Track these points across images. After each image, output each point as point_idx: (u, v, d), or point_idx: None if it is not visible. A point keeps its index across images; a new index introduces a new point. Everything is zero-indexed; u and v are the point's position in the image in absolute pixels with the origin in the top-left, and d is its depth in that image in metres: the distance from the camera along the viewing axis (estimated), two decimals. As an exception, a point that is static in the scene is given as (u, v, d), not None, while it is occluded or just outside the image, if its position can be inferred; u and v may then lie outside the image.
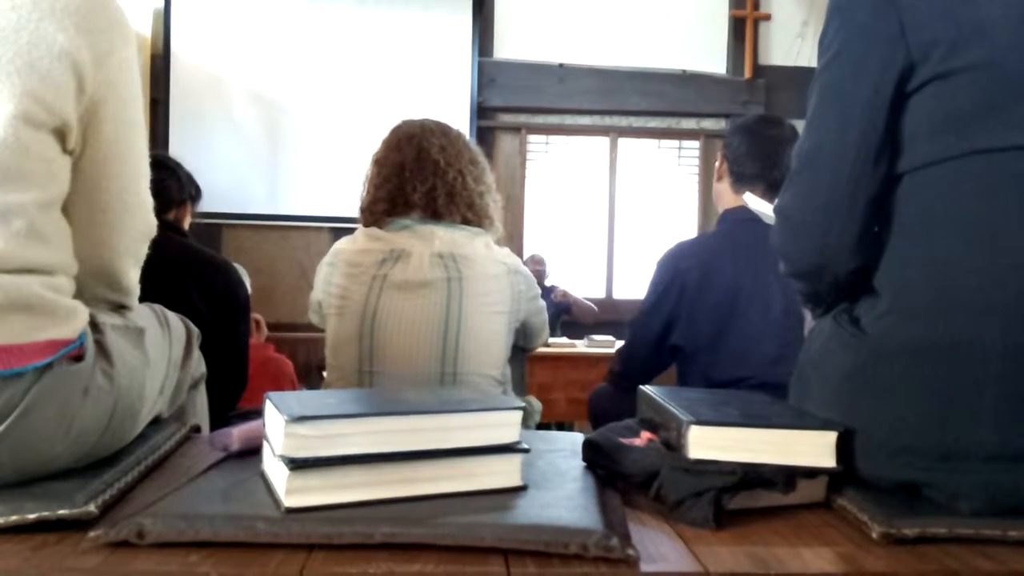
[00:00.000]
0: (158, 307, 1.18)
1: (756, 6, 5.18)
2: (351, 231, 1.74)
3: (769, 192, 1.90)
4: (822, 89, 0.98)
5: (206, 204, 2.44)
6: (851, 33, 0.95)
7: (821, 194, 0.96)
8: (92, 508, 0.76)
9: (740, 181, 1.90)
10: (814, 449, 0.87)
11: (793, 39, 5.22)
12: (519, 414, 0.84)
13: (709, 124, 5.26)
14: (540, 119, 5.21)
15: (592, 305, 4.73)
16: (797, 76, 5.12)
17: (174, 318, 1.21)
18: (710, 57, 5.21)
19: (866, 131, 0.92)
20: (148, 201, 1.04)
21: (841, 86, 0.95)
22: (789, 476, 0.85)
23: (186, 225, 2.10)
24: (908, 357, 0.86)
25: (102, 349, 0.89)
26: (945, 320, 0.84)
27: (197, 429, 1.20)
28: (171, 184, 2.01)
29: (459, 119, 4.85)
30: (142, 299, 1.09)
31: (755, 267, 1.77)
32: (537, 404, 1.84)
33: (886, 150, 0.92)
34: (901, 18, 0.90)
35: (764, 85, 5.14)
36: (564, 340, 4.24)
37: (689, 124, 5.27)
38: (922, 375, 0.84)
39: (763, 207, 1.65)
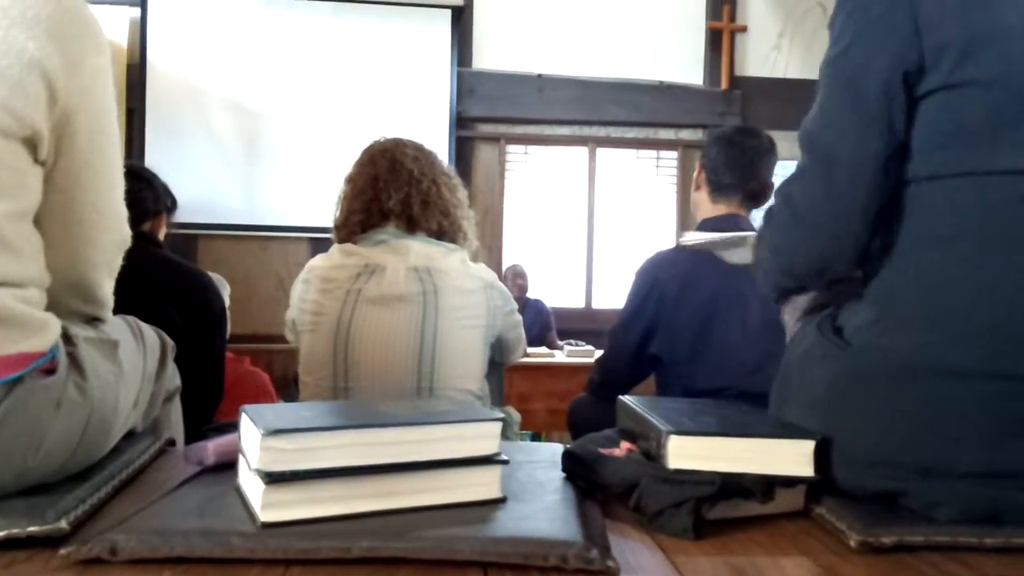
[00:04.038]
0: (132, 319, 1.16)
1: (732, 18, 5.23)
2: (330, 241, 1.73)
3: (747, 202, 1.91)
4: (835, 80, 0.93)
5: (182, 214, 2.42)
6: (864, 25, 0.91)
7: (838, 198, 0.92)
8: (63, 524, 0.75)
9: (718, 191, 1.91)
10: (792, 458, 0.87)
11: (769, 51, 5.28)
12: (498, 425, 0.84)
13: (687, 134, 5.29)
14: (519, 129, 5.22)
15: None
16: (773, 87, 5.18)
17: (148, 330, 1.19)
18: (687, 68, 5.26)
19: (885, 135, 0.89)
20: (123, 212, 1.03)
21: (855, 81, 0.91)
22: (768, 485, 0.85)
23: (162, 236, 2.08)
24: (891, 373, 0.85)
25: (75, 362, 0.87)
26: (931, 339, 0.83)
27: (172, 443, 1.18)
28: (147, 195, 1.99)
29: (438, 129, 4.86)
30: (116, 311, 1.08)
31: (733, 277, 1.78)
32: (516, 415, 1.83)
33: (899, 155, 0.90)
34: (916, 15, 0.87)
35: (740, 96, 5.19)
36: (543, 350, 4.24)
37: (667, 134, 5.30)
38: (904, 392, 0.84)
39: (702, 238, 1.59)
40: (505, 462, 0.83)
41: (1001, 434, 0.80)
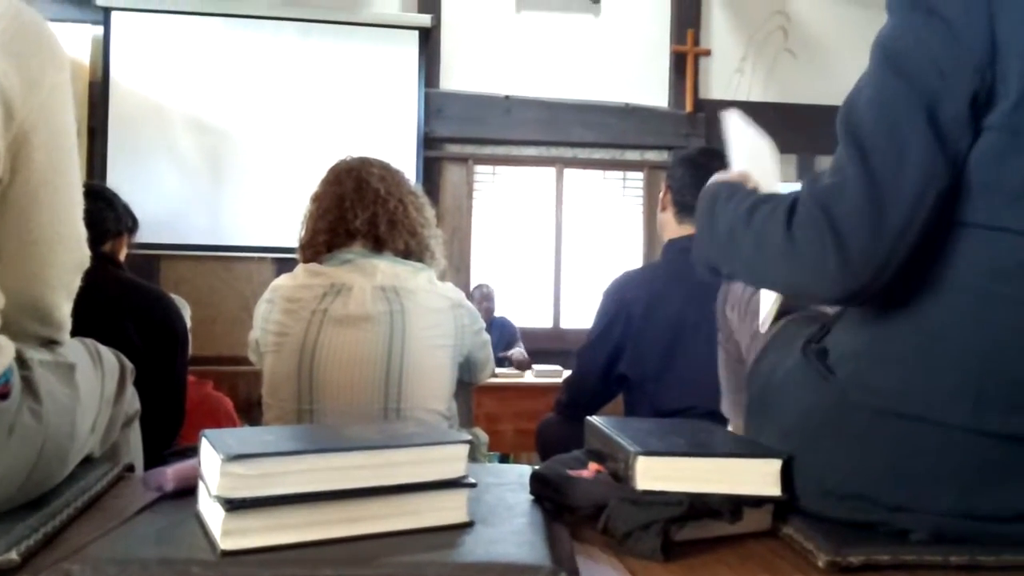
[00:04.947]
0: (90, 341, 1.14)
1: (696, 42, 5.31)
2: (295, 261, 1.71)
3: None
4: (899, 75, 0.77)
5: (144, 235, 2.39)
6: (931, 28, 0.76)
7: (890, 232, 0.77)
8: (13, 556, 0.72)
9: (684, 211, 1.93)
10: (759, 478, 0.87)
11: (732, 74, 5.37)
12: (465, 448, 0.83)
13: (652, 156, 5.34)
14: (487, 150, 5.23)
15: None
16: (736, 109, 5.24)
17: (107, 353, 1.17)
18: (652, 91, 5.32)
19: (950, 170, 0.76)
20: (81, 232, 1.01)
21: (927, 95, 0.75)
22: (736, 505, 0.85)
23: (122, 257, 2.05)
24: (873, 412, 0.83)
25: (29, 386, 0.85)
26: (919, 388, 0.80)
27: (131, 468, 1.15)
28: (107, 215, 1.96)
29: (406, 149, 4.85)
30: (74, 333, 1.05)
31: (699, 296, 1.79)
32: (483, 436, 1.82)
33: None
34: (994, 24, 0.73)
35: (704, 119, 5.26)
36: (511, 370, 4.23)
37: (633, 156, 5.35)
38: (884, 433, 0.82)
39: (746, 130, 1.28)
40: (472, 485, 0.83)
41: (979, 483, 0.78)
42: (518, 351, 4.50)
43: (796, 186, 0.86)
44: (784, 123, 5.22)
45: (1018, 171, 0.75)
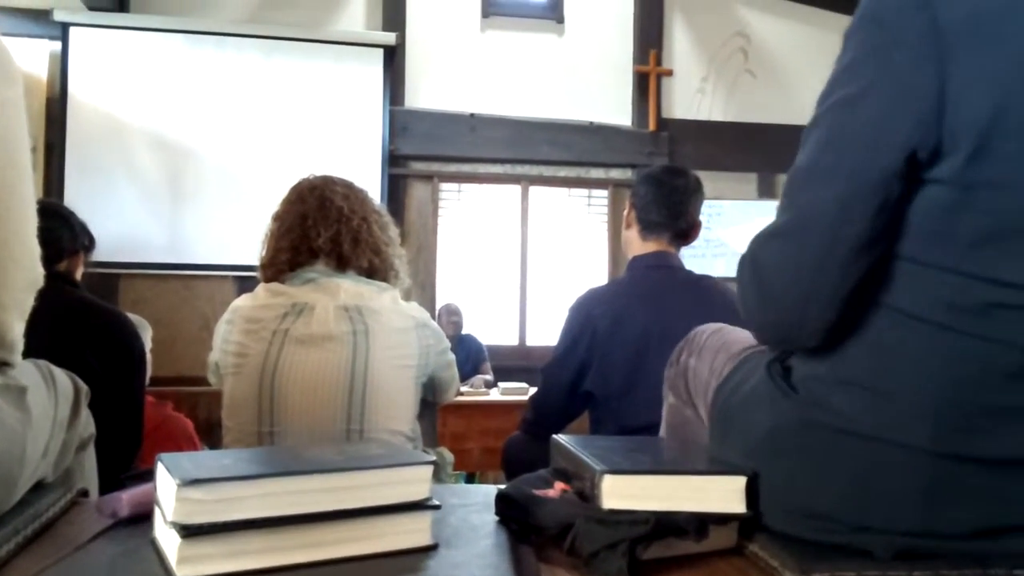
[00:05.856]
0: (43, 363, 1.11)
1: (659, 62, 5.39)
2: (257, 280, 1.68)
3: (675, 240, 1.95)
4: (832, 134, 0.81)
5: (103, 253, 2.35)
6: (884, 75, 0.77)
7: (808, 280, 0.82)
8: (-42, 587, 0.69)
9: (648, 229, 1.95)
10: (725, 495, 0.87)
11: (694, 94, 5.45)
12: (429, 469, 0.82)
13: (616, 174, 5.40)
14: (452, 167, 5.24)
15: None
16: (698, 129, 5.34)
17: (61, 374, 1.14)
18: (616, 110, 5.38)
19: (872, 219, 0.78)
20: (35, 250, 0.98)
21: (855, 152, 0.78)
22: (701, 524, 0.84)
23: (78, 276, 2.01)
24: (835, 432, 0.83)
25: (-24, 410, 0.82)
26: (879, 410, 0.80)
27: (85, 493, 1.12)
28: (63, 233, 1.92)
29: (371, 167, 4.84)
30: (27, 354, 1.03)
31: (664, 312, 1.80)
32: (449, 456, 1.80)
33: (886, 233, 0.79)
34: (946, 80, 0.73)
35: (667, 137, 5.33)
36: (478, 388, 4.21)
37: (597, 174, 5.40)
38: (846, 453, 0.82)
39: None
40: (436, 507, 0.81)
41: (939, 503, 0.79)
42: (479, 378, 4.47)
43: (756, 204, 0.88)
44: (744, 142, 5.32)
45: (971, 224, 0.75)
